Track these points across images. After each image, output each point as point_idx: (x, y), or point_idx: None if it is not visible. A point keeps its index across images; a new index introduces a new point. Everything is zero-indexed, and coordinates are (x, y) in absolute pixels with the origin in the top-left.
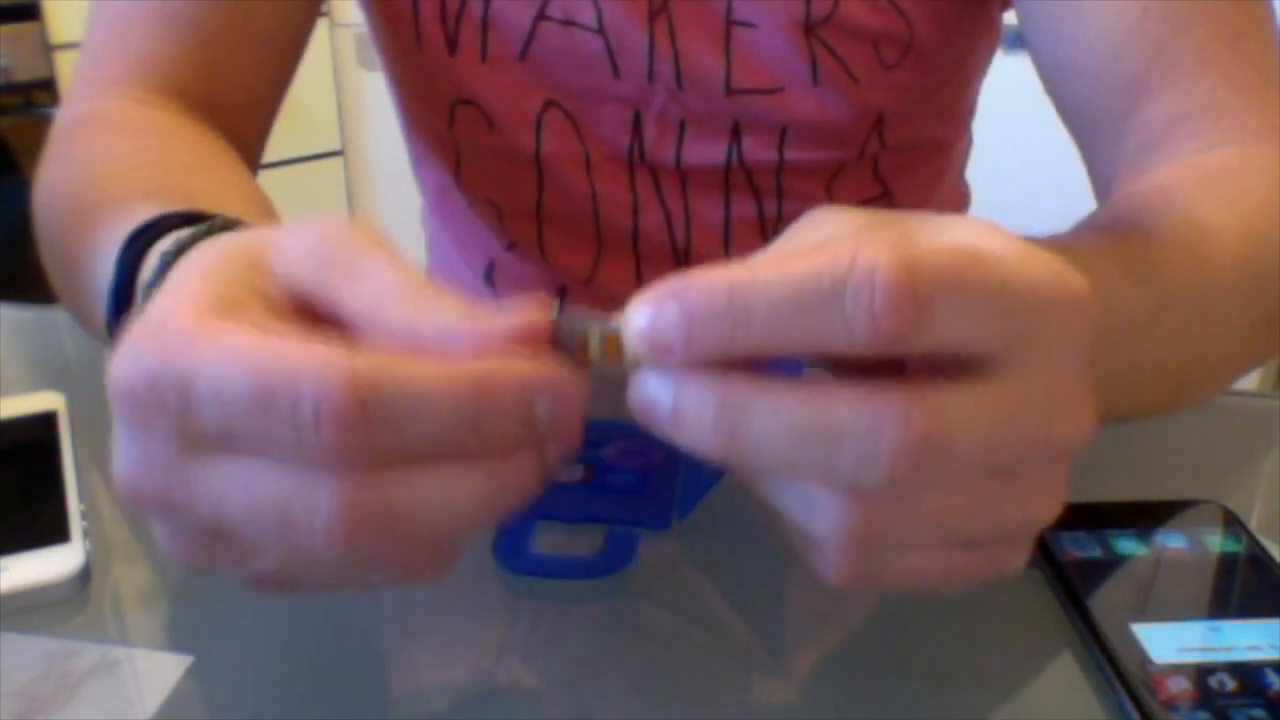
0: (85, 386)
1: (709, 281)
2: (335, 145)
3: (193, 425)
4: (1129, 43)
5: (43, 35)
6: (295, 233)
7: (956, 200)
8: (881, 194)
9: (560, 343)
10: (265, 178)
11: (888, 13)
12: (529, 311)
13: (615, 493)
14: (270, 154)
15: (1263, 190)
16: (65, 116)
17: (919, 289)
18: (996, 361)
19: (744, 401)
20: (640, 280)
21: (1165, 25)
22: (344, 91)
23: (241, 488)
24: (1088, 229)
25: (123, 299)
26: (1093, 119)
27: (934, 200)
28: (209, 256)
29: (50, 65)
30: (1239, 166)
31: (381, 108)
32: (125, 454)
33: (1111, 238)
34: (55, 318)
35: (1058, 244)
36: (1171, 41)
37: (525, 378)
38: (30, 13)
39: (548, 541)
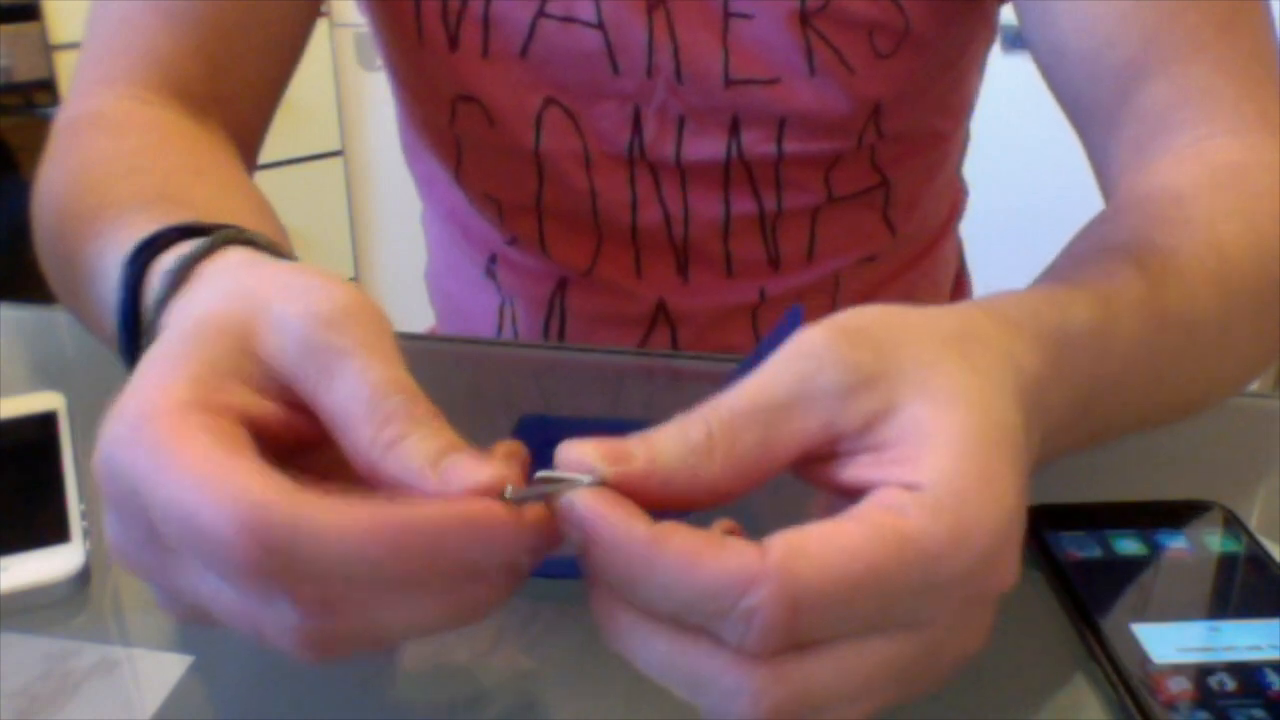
0: (85, 386)
1: (620, 535)
2: (335, 145)
3: (159, 532)
4: (1122, 28)
5: (43, 35)
6: (284, 306)
7: (953, 195)
8: (879, 184)
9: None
10: (265, 178)
11: (883, 3)
12: (490, 469)
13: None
14: (270, 154)
15: (1272, 190)
16: (65, 116)
17: (794, 627)
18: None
19: (628, 635)
20: (640, 271)
21: (1158, 10)
22: (344, 91)
23: (213, 590)
24: (1109, 254)
25: (131, 315)
26: (1089, 105)
27: (930, 192)
28: (200, 326)
29: (50, 65)
30: (1244, 163)
31: (381, 108)
32: (110, 526)
33: (1138, 277)
34: (55, 318)
35: (1087, 291)
36: (1164, 27)
37: (445, 531)
38: (30, 13)
39: None
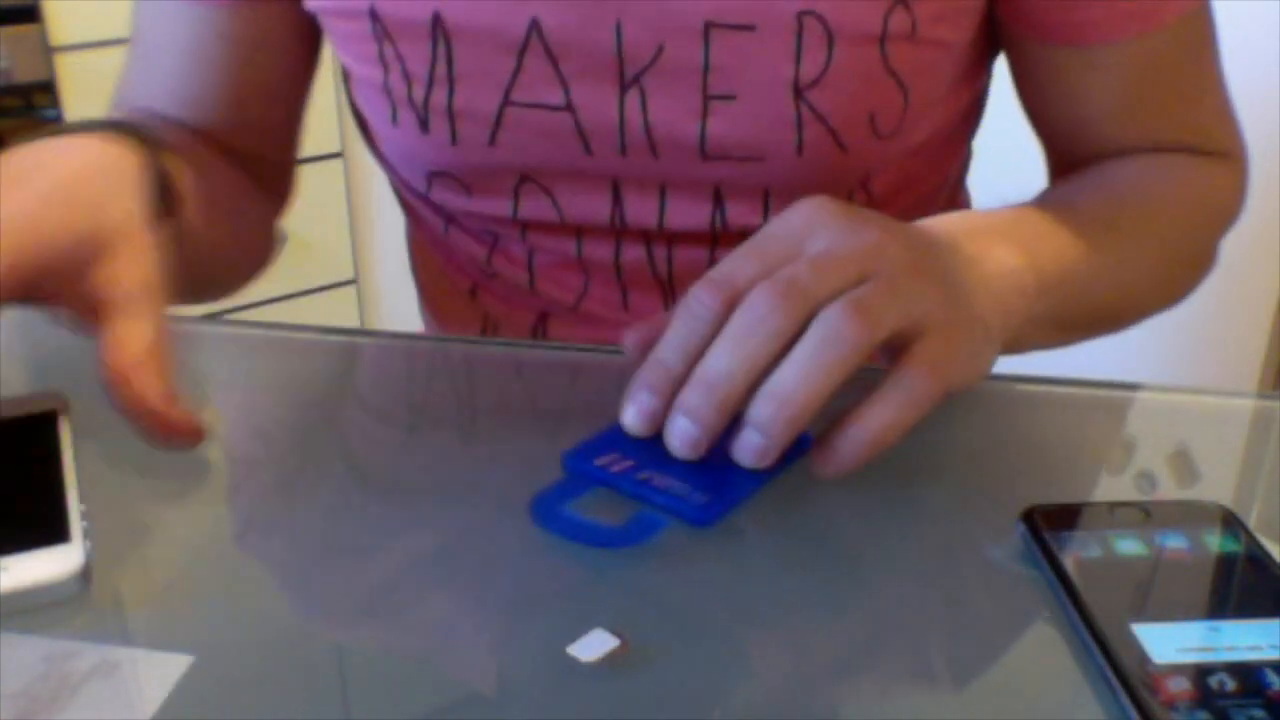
0: (85, 386)
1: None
2: (335, 146)
3: None
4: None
5: (43, 37)
6: None
7: (957, 207)
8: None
9: None
10: None
11: (883, 80)
12: None
13: (669, 477)
14: None
15: (1213, 182)
16: None
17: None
18: None
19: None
20: (627, 306)
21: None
22: (344, 95)
23: None
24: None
25: None
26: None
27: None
28: None
29: (50, 67)
30: (1187, 167)
31: None
32: None
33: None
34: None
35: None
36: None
37: None
38: (31, 15)
39: (585, 506)
